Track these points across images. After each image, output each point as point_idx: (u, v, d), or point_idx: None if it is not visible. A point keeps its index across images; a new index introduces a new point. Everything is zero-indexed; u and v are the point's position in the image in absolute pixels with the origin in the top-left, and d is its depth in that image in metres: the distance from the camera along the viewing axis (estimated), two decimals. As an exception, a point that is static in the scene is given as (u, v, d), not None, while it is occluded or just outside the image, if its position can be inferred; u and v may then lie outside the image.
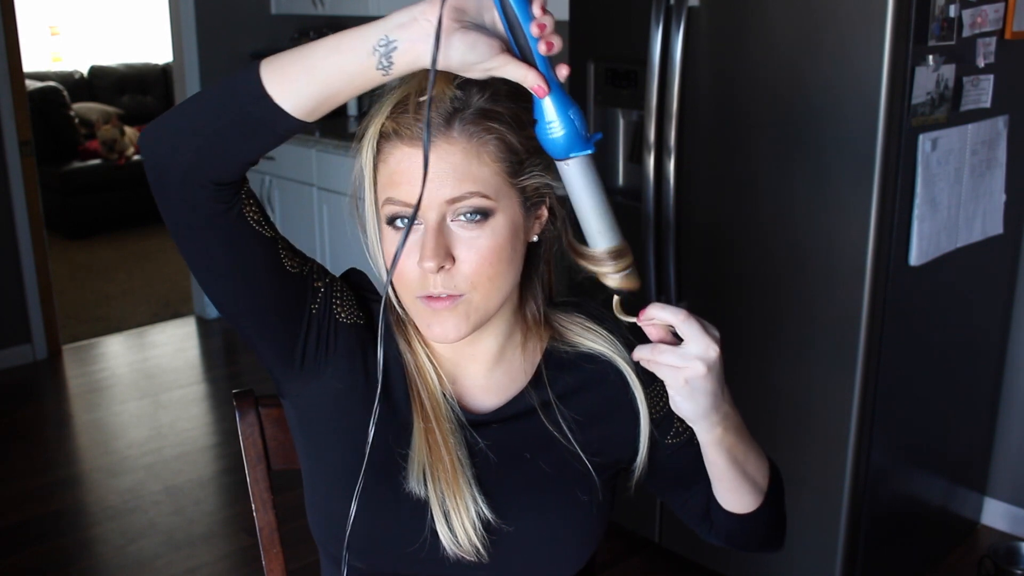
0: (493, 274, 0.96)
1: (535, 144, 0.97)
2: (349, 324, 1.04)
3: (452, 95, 0.93)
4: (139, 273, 5.59)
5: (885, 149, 2.04)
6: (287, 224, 4.23)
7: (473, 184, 0.93)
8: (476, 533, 0.99)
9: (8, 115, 4.01)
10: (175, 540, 2.86)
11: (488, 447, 1.04)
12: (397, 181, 0.95)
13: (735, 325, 2.38)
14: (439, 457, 1.00)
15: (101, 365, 4.30)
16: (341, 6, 4.16)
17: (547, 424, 1.07)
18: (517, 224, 0.98)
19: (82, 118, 6.70)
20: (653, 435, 1.10)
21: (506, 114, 0.95)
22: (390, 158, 0.95)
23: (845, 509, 2.24)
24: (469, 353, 1.07)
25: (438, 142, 0.93)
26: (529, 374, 1.09)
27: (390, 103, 0.95)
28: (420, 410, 1.03)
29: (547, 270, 1.10)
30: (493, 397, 1.08)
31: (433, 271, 0.94)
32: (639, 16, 2.38)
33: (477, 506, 1.00)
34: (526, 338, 1.09)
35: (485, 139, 0.94)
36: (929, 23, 2.04)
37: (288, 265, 0.98)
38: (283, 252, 0.98)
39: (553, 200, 1.03)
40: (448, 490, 0.99)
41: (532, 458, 1.05)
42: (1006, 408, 2.78)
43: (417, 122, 0.93)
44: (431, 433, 1.01)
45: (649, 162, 2.38)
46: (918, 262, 2.18)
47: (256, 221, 0.94)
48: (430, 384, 1.05)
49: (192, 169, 0.87)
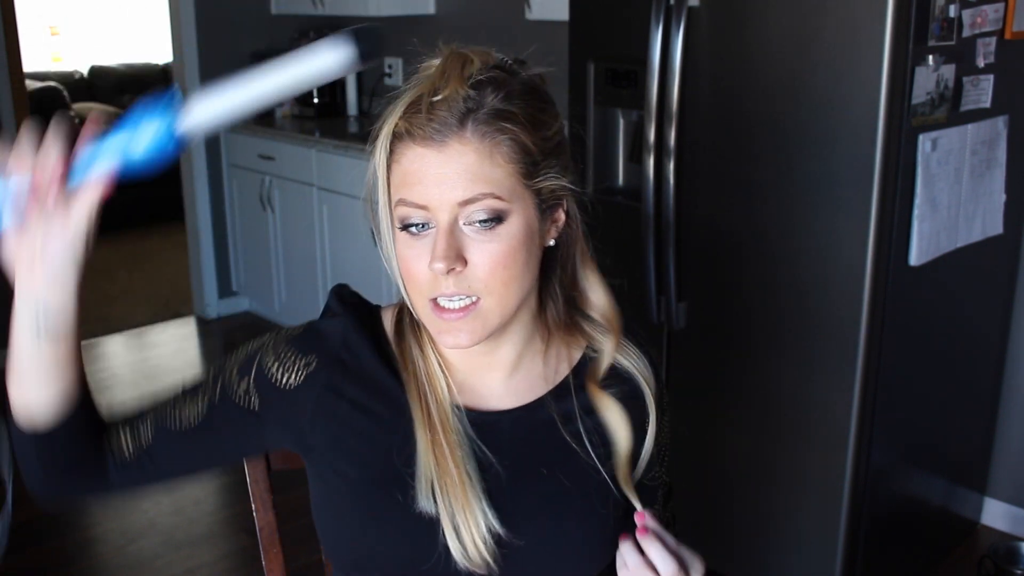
0: (507, 278, 0.94)
1: (550, 145, 0.96)
2: (305, 378, 1.02)
3: (465, 94, 0.92)
4: (139, 273, 5.59)
5: (885, 149, 2.04)
6: (287, 224, 4.23)
7: (486, 185, 0.92)
8: (487, 547, 0.97)
9: (8, 115, 4.01)
10: (175, 540, 2.85)
11: (500, 460, 1.01)
12: (410, 182, 0.93)
13: (735, 325, 2.38)
14: (446, 470, 0.98)
15: (101, 365, 4.30)
16: (341, 6, 4.16)
17: (566, 435, 1.04)
18: (532, 227, 0.96)
19: (82, 118, 6.71)
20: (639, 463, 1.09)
21: (520, 114, 0.93)
22: (403, 159, 0.94)
23: (845, 509, 2.24)
24: (486, 361, 1.04)
25: (451, 142, 0.91)
26: (551, 380, 1.06)
27: (403, 103, 0.94)
28: (427, 420, 1.00)
29: (591, 271, 1.07)
30: (510, 405, 1.05)
31: (443, 272, 0.92)
32: (639, 16, 2.38)
33: (487, 520, 0.98)
34: (548, 344, 1.07)
35: (499, 140, 0.92)
36: (929, 23, 2.03)
37: (196, 422, 1.04)
38: (181, 424, 1.04)
39: (570, 203, 1.01)
40: (457, 504, 0.97)
41: (546, 470, 1.03)
42: (1006, 408, 2.78)
43: (430, 122, 0.91)
44: (438, 446, 0.99)
45: (649, 162, 2.38)
46: (918, 262, 2.17)
47: (139, 446, 1.04)
48: (439, 393, 1.02)
49: (44, 484, 1.03)
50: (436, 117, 0.91)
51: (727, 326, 2.39)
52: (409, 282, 0.97)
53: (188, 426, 1.05)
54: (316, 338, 1.05)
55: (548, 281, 1.05)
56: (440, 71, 0.93)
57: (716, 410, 2.47)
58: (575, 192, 1.01)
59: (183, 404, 1.06)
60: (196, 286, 4.75)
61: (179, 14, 4.35)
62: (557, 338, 1.07)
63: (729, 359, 2.41)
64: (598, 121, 2.64)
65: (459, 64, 0.93)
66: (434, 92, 0.92)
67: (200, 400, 1.05)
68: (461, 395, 1.04)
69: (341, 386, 1.02)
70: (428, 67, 0.96)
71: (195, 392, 1.06)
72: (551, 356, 1.07)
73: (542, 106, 0.97)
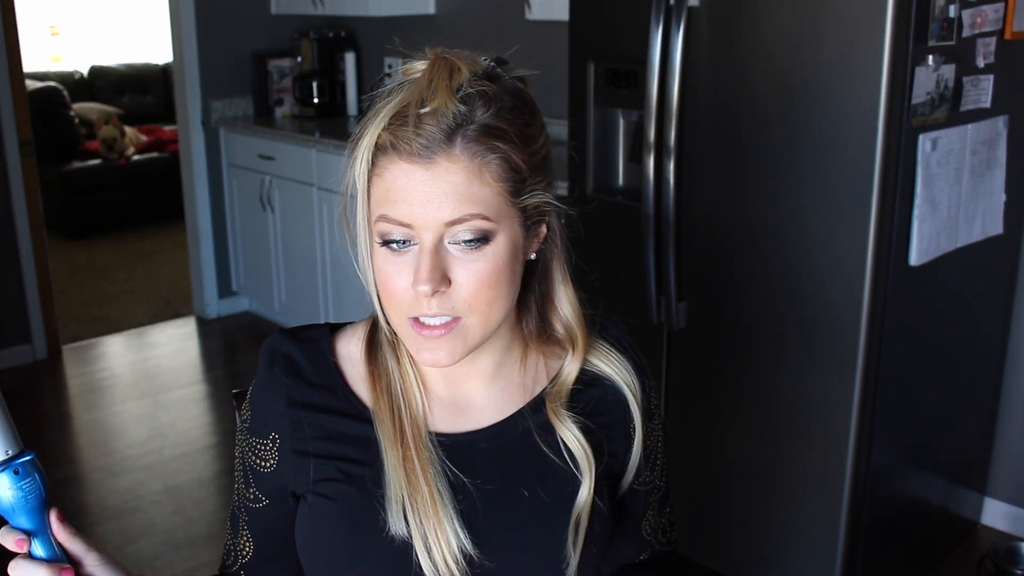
0: (492, 297, 0.92)
1: (537, 160, 0.94)
2: (277, 452, 1.02)
3: (455, 109, 0.88)
4: (139, 273, 5.58)
5: (885, 149, 2.04)
6: (287, 224, 4.24)
7: (474, 206, 0.89)
8: (458, 567, 0.95)
9: (8, 115, 4.01)
10: (175, 540, 2.86)
11: (475, 481, 0.99)
12: (393, 199, 0.89)
13: (735, 325, 2.38)
14: (417, 488, 0.96)
15: (101, 365, 4.30)
16: (341, 6, 4.16)
17: (543, 446, 1.02)
18: (517, 245, 0.94)
19: (82, 118, 6.70)
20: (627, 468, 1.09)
21: (510, 131, 0.91)
22: (386, 173, 0.90)
23: (845, 509, 2.24)
24: (464, 372, 1.02)
25: (439, 159, 0.88)
26: (530, 389, 1.05)
27: (388, 112, 0.90)
28: (400, 437, 0.98)
29: (567, 286, 1.05)
30: (488, 417, 1.03)
31: (428, 295, 0.89)
32: (639, 16, 2.38)
33: (459, 540, 0.96)
34: (526, 353, 1.05)
35: (488, 158, 0.89)
36: (929, 23, 2.03)
37: (252, 551, 1.09)
38: (252, 555, 1.08)
39: (552, 217, 0.99)
40: (428, 522, 0.95)
41: (527, 491, 1.01)
42: (1006, 408, 2.78)
43: (418, 136, 0.87)
44: (409, 462, 0.97)
45: (649, 162, 2.38)
46: (918, 262, 2.17)
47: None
48: (414, 409, 1.00)
49: None
50: (424, 132, 0.87)
51: (727, 326, 2.39)
52: (387, 298, 0.94)
53: (256, 555, 1.09)
54: (263, 416, 1.03)
55: (526, 292, 1.03)
56: (427, 80, 0.90)
57: (716, 410, 2.47)
58: (558, 207, 0.99)
59: (239, 543, 1.10)
60: (196, 286, 4.75)
61: (179, 14, 4.35)
62: (535, 347, 1.06)
63: (729, 359, 2.41)
64: (598, 121, 2.64)
65: (446, 73, 0.90)
66: (421, 103, 0.88)
67: (243, 534, 1.10)
68: (439, 410, 1.03)
69: (305, 444, 1.01)
70: (411, 71, 0.93)
71: (235, 530, 1.11)
72: (530, 364, 1.06)
73: (530, 120, 0.95)
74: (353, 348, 1.05)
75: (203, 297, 4.71)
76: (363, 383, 1.03)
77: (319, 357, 1.03)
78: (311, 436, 1.01)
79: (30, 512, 0.87)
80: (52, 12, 7.68)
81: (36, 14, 7.49)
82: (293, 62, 4.55)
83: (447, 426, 1.03)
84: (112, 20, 7.93)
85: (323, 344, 1.04)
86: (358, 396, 1.02)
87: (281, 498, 1.05)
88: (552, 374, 1.06)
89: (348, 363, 1.04)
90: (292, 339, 1.04)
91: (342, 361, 1.04)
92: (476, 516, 0.98)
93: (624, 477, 1.09)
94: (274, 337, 1.05)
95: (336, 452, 1.00)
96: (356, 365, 1.04)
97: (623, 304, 2.52)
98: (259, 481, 1.05)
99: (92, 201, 6.33)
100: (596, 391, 1.06)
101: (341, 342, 1.05)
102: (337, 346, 1.05)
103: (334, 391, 1.02)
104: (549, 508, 1.00)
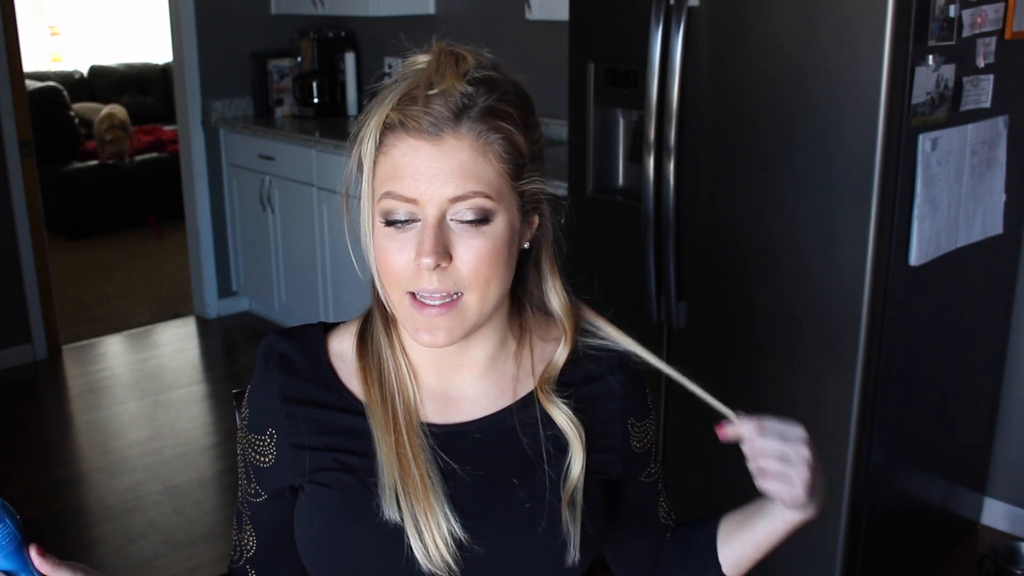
0: (490, 276, 0.94)
1: (536, 149, 0.97)
2: (275, 447, 1.04)
3: (463, 90, 0.92)
4: (139, 273, 5.58)
5: (885, 149, 2.04)
6: (287, 224, 4.24)
7: (477, 184, 0.92)
8: (448, 550, 0.97)
9: (8, 115, 4.01)
10: (175, 540, 2.86)
11: (465, 467, 1.01)
12: (400, 175, 0.92)
13: (735, 325, 2.38)
14: (409, 472, 0.98)
15: (101, 365, 4.30)
16: (341, 6, 4.16)
17: (525, 446, 1.03)
18: (514, 228, 0.97)
19: (82, 118, 6.70)
20: (628, 467, 1.10)
21: (514, 114, 0.94)
22: (393, 150, 0.93)
23: (845, 509, 2.24)
24: (456, 363, 1.04)
25: (446, 137, 0.91)
26: (523, 383, 1.06)
27: (396, 94, 0.93)
28: (392, 424, 1.00)
29: (555, 277, 1.07)
30: (479, 409, 1.05)
31: (431, 268, 0.91)
32: (639, 16, 2.38)
33: (449, 523, 0.98)
34: (520, 346, 1.07)
35: (492, 138, 0.93)
36: (929, 23, 2.04)
37: (254, 547, 1.11)
38: (258, 551, 1.10)
39: (545, 208, 1.02)
40: (419, 506, 0.97)
41: (511, 480, 1.02)
42: (1006, 408, 2.78)
43: (426, 114, 0.91)
44: (401, 447, 0.99)
45: (649, 162, 2.38)
46: (918, 262, 2.17)
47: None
48: (407, 396, 1.02)
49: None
50: (432, 110, 0.91)
51: (727, 326, 2.39)
52: (386, 275, 0.96)
53: (260, 549, 1.11)
54: (260, 413, 1.05)
55: (518, 285, 1.05)
56: (434, 65, 0.93)
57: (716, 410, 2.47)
58: (551, 199, 1.02)
59: (243, 538, 1.12)
60: (196, 286, 4.75)
61: (179, 14, 4.35)
62: (527, 341, 1.07)
63: (729, 359, 2.41)
64: (598, 121, 2.64)
65: (453, 60, 0.94)
66: (429, 85, 0.92)
67: (247, 529, 1.11)
68: (431, 401, 1.05)
69: (300, 438, 1.03)
70: (415, 63, 0.96)
71: (240, 526, 1.12)
72: (522, 358, 1.07)
73: (530, 109, 0.98)
74: (346, 345, 1.07)
75: (203, 297, 4.71)
76: (356, 378, 1.05)
77: (313, 354, 1.06)
78: (307, 430, 1.03)
79: (9, 556, 0.91)
80: (52, 12, 7.68)
81: (36, 14, 7.49)
82: (293, 62, 4.55)
83: (438, 418, 1.04)
84: (112, 20, 7.93)
85: (317, 342, 1.07)
86: (351, 391, 1.04)
87: (281, 493, 1.06)
88: (546, 366, 1.08)
89: (341, 359, 1.06)
90: (286, 338, 1.07)
91: (335, 358, 1.06)
92: (466, 502, 1.00)
93: (625, 471, 1.10)
94: (269, 337, 1.07)
95: (332, 444, 1.02)
96: (349, 361, 1.06)
97: (623, 304, 2.52)
98: (260, 477, 1.07)
99: (92, 201, 6.33)
100: (588, 388, 1.08)
101: (334, 340, 1.08)
102: (330, 344, 1.07)
103: (328, 387, 1.04)
104: (539, 496, 1.02)
